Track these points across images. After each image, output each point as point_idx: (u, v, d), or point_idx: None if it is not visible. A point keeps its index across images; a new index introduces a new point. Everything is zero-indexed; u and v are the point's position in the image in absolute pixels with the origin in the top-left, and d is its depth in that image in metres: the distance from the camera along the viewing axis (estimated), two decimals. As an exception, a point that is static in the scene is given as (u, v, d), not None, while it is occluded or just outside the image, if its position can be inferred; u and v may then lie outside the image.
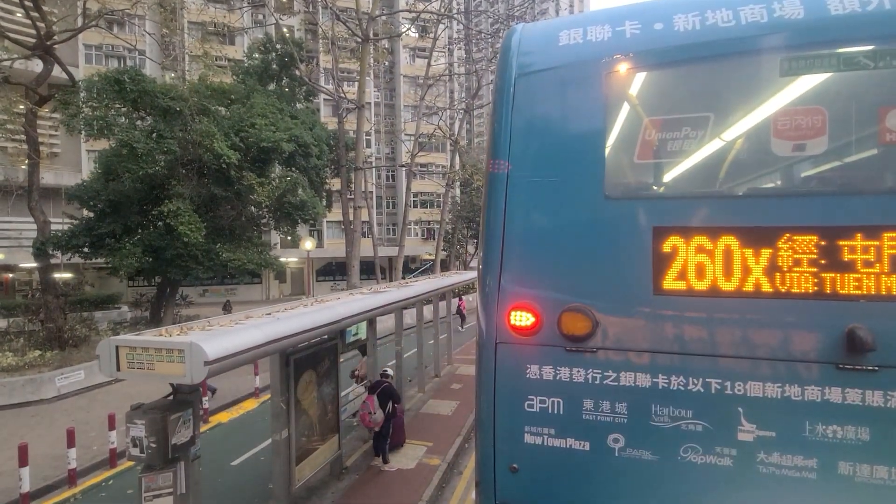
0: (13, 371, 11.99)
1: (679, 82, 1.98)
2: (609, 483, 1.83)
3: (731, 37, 1.80)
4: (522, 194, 2.02)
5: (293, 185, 17.56)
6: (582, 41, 2.01)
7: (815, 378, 1.67)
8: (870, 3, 1.65)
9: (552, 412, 1.93)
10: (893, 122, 1.66)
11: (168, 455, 4.03)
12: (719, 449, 1.72)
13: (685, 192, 1.97)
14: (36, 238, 15.17)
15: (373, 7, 19.66)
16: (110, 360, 3.87)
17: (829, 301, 1.66)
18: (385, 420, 7.07)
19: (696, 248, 1.79)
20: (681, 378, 1.78)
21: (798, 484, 1.63)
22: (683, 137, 1.89)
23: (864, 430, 1.61)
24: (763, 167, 1.90)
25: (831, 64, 1.73)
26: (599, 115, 1.93)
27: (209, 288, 31.54)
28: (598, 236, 1.93)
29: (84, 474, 7.51)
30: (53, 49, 14.88)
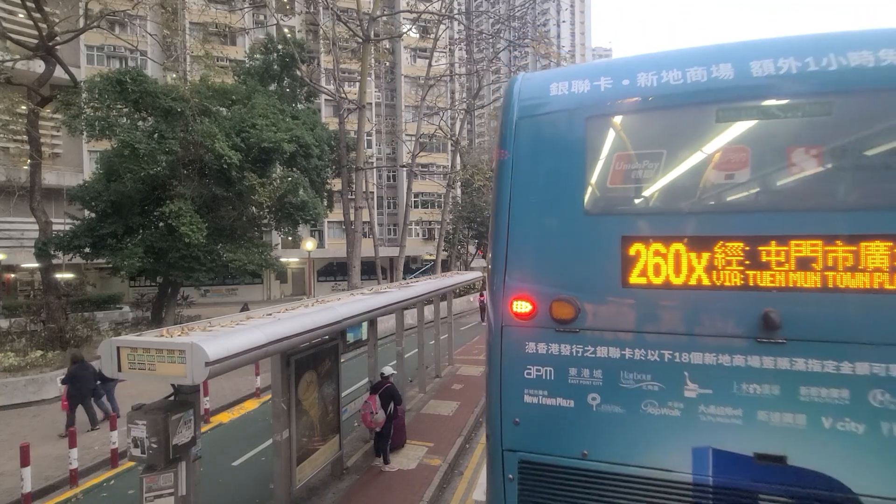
0: (15, 371, 12.01)
1: (641, 126, 2.54)
2: (588, 431, 2.41)
3: (680, 91, 2.36)
4: (522, 211, 2.59)
5: (294, 185, 17.56)
6: (567, 92, 2.57)
7: (740, 349, 2.21)
8: (781, 69, 2.22)
9: (545, 378, 2.49)
10: (796, 157, 2.24)
11: (169, 455, 4.03)
12: (671, 403, 2.29)
13: (645, 210, 2.53)
14: (38, 238, 15.21)
15: (374, 7, 19.68)
16: (112, 360, 3.88)
17: (751, 292, 2.19)
18: (386, 421, 7.06)
19: (654, 252, 2.33)
20: (642, 350, 2.34)
21: (728, 428, 2.20)
22: (644, 168, 2.46)
23: (775, 387, 2.16)
24: (703, 191, 2.44)
25: (753, 113, 2.31)
26: (581, 151, 2.49)
27: (210, 288, 31.58)
28: (580, 243, 2.49)
29: (85, 474, 7.51)
30: (55, 50, 14.92)
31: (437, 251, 27.19)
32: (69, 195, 17.50)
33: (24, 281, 27.14)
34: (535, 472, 2.50)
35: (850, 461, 2.04)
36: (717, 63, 2.34)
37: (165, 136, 15.43)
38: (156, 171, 15.86)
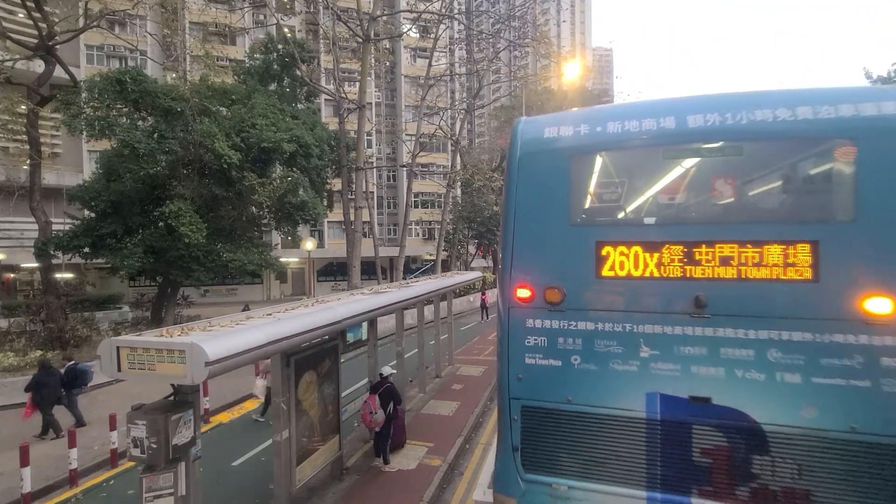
0: (14, 371, 12.01)
1: (608, 161, 3.37)
2: (571, 383, 3.24)
3: (637, 137, 3.19)
4: (523, 223, 3.40)
5: (294, 185, 17.55)
6: (556, 136, 3.38)
7: (679, 322, 3.00)
8: (707, 122, 3.02)
9: (540, 345, 3.32)
10: (718, 185, 3.11)
11: (169, 455, 4.03)
12: (630, 361, 3.10)
13: (613, 222, 3.37)
14: (37, 238, 15.19)
15: (374, 7, 19.67)
16: (111, 360, 3.88)
17: (687, 281, 2.99)
18: (386, 421, 7.06)
19: (619, 252, 3.13)
20: (610, 324, 3.16)
21: (671, 379, 3.01)
22: (611, 192, 3.37)
23: (703, 349, 2.95)
24: (653, 209, 3.30)
25: (688, 153, 3.15)
26: (566, 180, 3.33)
27: (210, 288, 31.57)
28: (566, 246, 3.31)
29: (85, 474, 7.50)
30: (55, 49, 14.90)
31: (437, 251, 27.19)
32: (69, 195, 17.47)
33: (24, 281, 27.14)
34: (533, 414, 3.34)
35: (754, 400, 2.85)
36: (664, 116, 3.17)
37: (165, 135, 15.42)
38: (155, 170, 15.84)
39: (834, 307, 2.72)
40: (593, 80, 53.71)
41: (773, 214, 3.07)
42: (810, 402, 2.74)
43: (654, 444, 3.02)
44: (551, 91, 30.20)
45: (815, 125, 2.82)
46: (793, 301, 2.80)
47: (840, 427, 2.67)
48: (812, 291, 2.77)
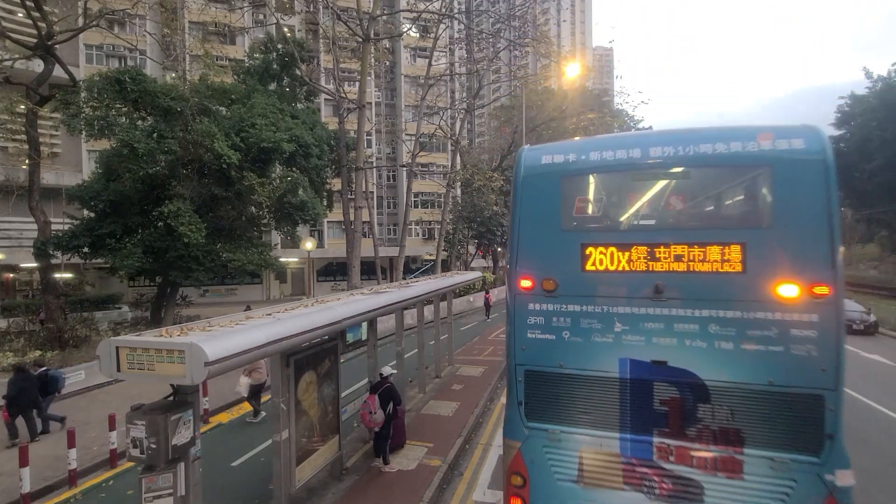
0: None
1: (590, 182, 4.22)
2: (562, 352, 4.02)
3: (611, 163, 3.99)
4: (526, 230, 4.20)
5: (294, 185, 17.53)
6: (551, 162, 4.16)
7: (643, 304, 3.78)
8: (665, 152, 3.83)
9: (538, 323, 4.11)
10: (673, 201, 3.98)
11: (168, 456, 4.02)
12: (607, 335, 3.87)
13: (593, 229, 4.17)
14: (37, 238, 15.17)
15: (373, 7, 19.66)
16: (110, 360, 3.86)
17: (649, 273, 3.77)
18: (385, 421, 7.05)
19: (598, 252, 3.93)
20: (591, 306, 3.94)
21: (637, 348, 3.79)
22: (592, 205, 4.27)
23: (661, 324, 3.75)
24: (625, 218, 4.13)
25: (650, 177, 4.00)
26: (557, 196, 4.11)
27: (210, 288, 31.53)
28: (558, 247, 4.09)
29: (84, 475, 7.50)
30: (54, 49, 14.88)
31: (437, 251, 27.17)
32: (68, 195, 17.44)
33: (23, 281, 27.11)
34: (533, 376, 4.16)
35: (699, 363, 3.65)
36: (632, 148, 3.99)
37: (164, 135, 15.39)
38: (155, 170, 15.82)
39: (756, 292, 3.55)
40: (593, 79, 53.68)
41: (713, 222, 4.00)
42: (740, 363, 3.58)
43: (625, 397, 3.88)
44: (551, 91, 30.18)
45: (743, 156, 3.67)
46: (727, 287, 3.63)
47: (761, 381, 3.53)
48: (741, 280, 3.59)
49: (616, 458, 3.86)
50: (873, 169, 38.62)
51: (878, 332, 19.54)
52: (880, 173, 38.27)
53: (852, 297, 23.86)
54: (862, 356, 15.45)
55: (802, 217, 3.52)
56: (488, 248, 40.48)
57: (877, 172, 38.50)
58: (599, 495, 3.91)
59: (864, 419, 9.65)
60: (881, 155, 37.60)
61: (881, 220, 42.83)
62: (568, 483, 4.00)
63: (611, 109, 43.46)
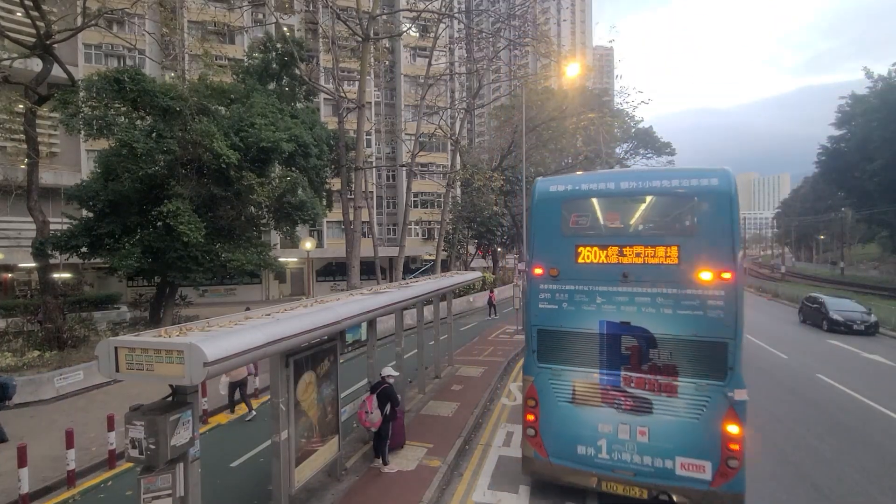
0: (12, 371, 11.94)
1: (581, 205, 5.95)
2: (561, 316, 5.92)
3: (594, 191, 5.95)
4: (538, 235, 6.09)
5: (293, 185, 17.50)
6: (556, 190, 6.07)
7: (615, 285, 5.69)
8: (630, 185, 5.81)
9: (546, 297, 6.00)
10: (635, 218, 5.78)
11: (167, 456, 3.99)
12: (591, 305, 5.77)
13: (584, 235, 5.92)
14: (35, 238, 15.12)
15: (373, 6, 19.64)
16: (109, 360, 3.84)
17: (619, 265, 5.66)
18: (383, 422, 7.04)
19: (586, 250, 5.84)
20: (582, 286, 5.82)
21: (612, 313, 5.70)
22: (582, 219, 5.98)
23: (626, 298, 5.66)
24: (603, 228, 5.88)
25: (619, 202, 5.83)
26: (559, 213, 5.97)
27: (209, 288, 31.46)
28: (560, 247, 5.96)
29: (83, 475, 7.47)
30: (53, 48, 14.84)
31: (437, 251, 27.13)
32: (67, 194, 17.38)
33: (22, 281, 27.04)
34: (542, 333, 6.05)
35: (650, 322, 5.47)
36: (607, 182, 5.95)
37: (164, 135, 15.35)
38: (154, 170, 15.77)
39: (686, 277, 5.39)
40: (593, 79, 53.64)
41: (661, 231, 5.67)
42: (676, 322, 5.43)
43: (602, 345, 5.77)
44: (551, 90, 30.13)
45: (679, 189, 5.58)
46: (668, 274, 5.48)
47: (689, 334, 5.40)
48: (676, 269, 5.44)
49: (596, 385, 5.83)
50: (874, 169, 38.58)
51: (878, 332, 19.55)
52: (881, 173, 38.23)
53: (853, 298, 23.88)
54: (862, 356, 15.46)
55: (715, 229, 5.34)
56: (488, 248, 40.47)
57: (877, 172, 38.47)
58: (585, 410, 5.89)
59: (864, 420, 9.65)
60: (882, 155, 37.58)
61: (882, 220, 42.80)
62: (564, 403, 6.00)
63: (611, 109, 43.47)
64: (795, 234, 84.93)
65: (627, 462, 5.67)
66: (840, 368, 13.72)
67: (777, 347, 16.53)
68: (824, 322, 20.19)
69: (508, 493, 6.63)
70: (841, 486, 6.89)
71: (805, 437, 8.66)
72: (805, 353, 15.71)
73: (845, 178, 46.12)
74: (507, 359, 14.30)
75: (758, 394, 11.31)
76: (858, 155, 41.06)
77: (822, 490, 6.77)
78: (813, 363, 14.31)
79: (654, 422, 5.56)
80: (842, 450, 8.13)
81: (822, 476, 7.19)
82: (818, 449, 8.16)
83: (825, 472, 7.30)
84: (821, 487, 6.85)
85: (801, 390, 11.57)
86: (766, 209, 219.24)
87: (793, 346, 16.98)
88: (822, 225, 72.17)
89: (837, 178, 48.43)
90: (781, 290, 35.72)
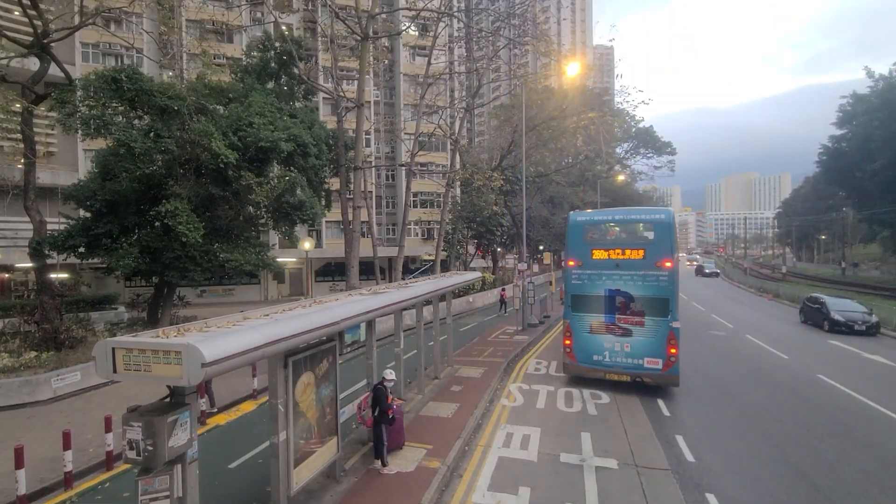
0: (9, 372, 11.88)
1: (594, 228, 11.89)
2: (584, 286, 11.51)
3: (600, 220, 12.15)
4: (570, 245, 11.96)
5: (292, 184, 17.43)
6: (581, 220, 11.92)
7: (612, 270, 11.23)
8: (618, 217, 12.66)
9: (575, 277, 11.67)
10: (623, 239, 11.74)
11: (165, 458, 3.96)
12: (599, 280, 11.35)
13: (595, 243, 11.60)
14: (32, 238, 15.04)
15: (372, 5, 19.59)
16: (107, 361, 3.81)
17: (614, 259, 11.26)
18: (375, 424, 7.05)
19: (597, 251, 11.51)
20: (596, 271, 11.38)
21: (609, 284, 11.25)
22: (594, 235, 11.74)
23: (618, 276, 11.20)
24: (605, 240, 11.72)
25: (616, 227, 12.00)
26: (582, 231, 11.78)
27: (207, 288, 31.41)
28: (582, 250, 11.68)
29: (80, 476, 7.43)
30: (50, 47, 14.76)
31: (437, 251, 27.09)
32: (64, 194, 17.30)
33: (19, 281, 26.93)
34: (574, 296, 11.55)
35: (631, 289, 10.97)
36: (608, 215, 12.91)
37: (161, 134, 15.27)
38: (152, 170, 15.69)
39: (648, 265, 10.74)
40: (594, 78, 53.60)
41: (635, 241, 11.23)
42: (644, 288, 10.75)
43: (605, 301, 11.07)
44: (551, 90, 30.07)
45: (645, 220, 11.66)
46: (639, 264, 10.82)
47: (650, 294, 10.69)
48: (644, 261, 10.78)
49: (602, 322, 11.05)
50: (875, 168, 38.55)
51: (879, 332, 19.54)
52: (882, 173, 38.20)
53: (854, 298, 23.88)
54: (863, 357, 15.45)
55: (662, 241, 10.70)
56: (488, 249, 40.43)
57: (879, 172, 38.44)
58: (596, 336, 11.10)
59: (865, 420, 9.63)
60: (883, 154, 37.55)
61: (883, 220, 42.76)
62: (585, 333, 11.22)
63: (611, 108, 43.45)
64: (796, 234, 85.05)
65: (620, 362, 10.95)
66: (841, 369, 13.71)
67: (778, 348, 16.53)
68: (825, 322, 20.19)
69: (508, 494, 6.59)
70: (841, 487, 6.87)
71: (806, 438, 8.64)
72: (806, 354, 15.70)
73: (846, 177, 46.14)
74: (507, 360, 14.26)
75: (758, 394, 11.31)
76: (860, 154, 41.05)
77: (823, 490, 6.75)
78: (814, 364, 14.30)
79: (633, 341, 10.84)
80: (842, 450, 8.12)
81: (823, 476, 7.17)
82: (819, 449, 8.14)
83: (826, 473, 7.28)
84: (821, 488, 6.82)
85: (801, 391, 11.56)
86: (767, 209, 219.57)
87: (794, 346, 16.98)
88: (824, 225, 72.25)
89: (838, 177, 48.46)
90: (782, 290, 35.76)
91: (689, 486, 6.90)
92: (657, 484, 6.92)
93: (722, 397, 11.11)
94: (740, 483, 6.98)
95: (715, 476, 7.21)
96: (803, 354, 15.58)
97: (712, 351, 16.17)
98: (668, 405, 10.42)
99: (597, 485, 6.87)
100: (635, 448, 8.15)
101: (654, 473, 7.25)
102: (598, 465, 7.47)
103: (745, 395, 11.26)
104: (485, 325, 21.55)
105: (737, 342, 17.73)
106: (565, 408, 10.23)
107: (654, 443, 8.41)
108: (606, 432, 8.86)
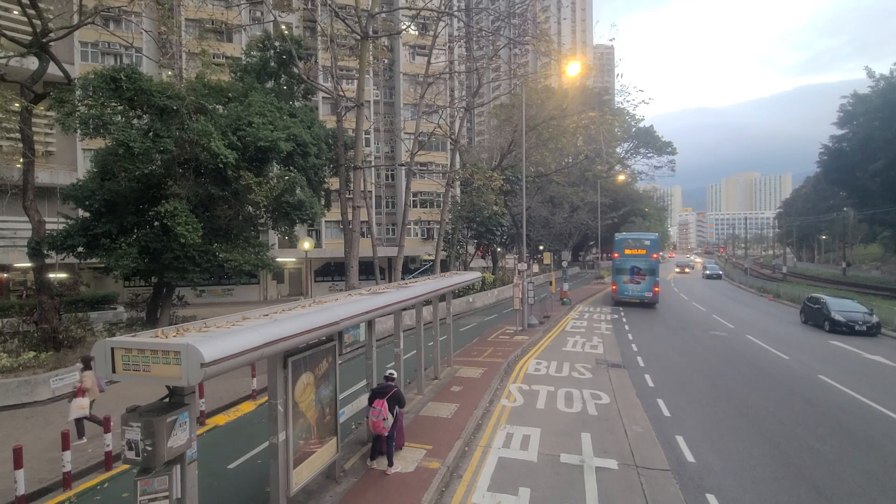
0: (7, 372, 11.86)
1: (624, 241, 30.03)
2: (621, 263, 29.32)
3: (623, 240, 30.19)
4: (617, 247, 30.08)
5: (291, 184, 17.40)
6: (621, 237, 30.92)
7: (630, 264, 29.27)
8: (633, 236, 31.35)
9: (618, 262, 29.50)
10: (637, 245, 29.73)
11: (164, 458, 3.94)
12: (627, 264, 29.14)
13: (626, 246, 29.53)
14: (31, 238, 15.02)
15: (372, 4, 19.56)
16: (106, 361, 3.78)
17: (631, 257, 29.07)
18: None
19: (625, 252, 29.39)
20: (623, 264, 29.16)
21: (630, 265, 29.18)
22: (625, 245, 29.60)
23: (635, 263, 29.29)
24: (631, 245, 29.72)
25: (633, 242, 30.05)
26: (621, 242, 29.91)
27: (206, 288, 31.31)
28: (620, 249, 29.63)
29: (79, 477, 7.40)
30: (49, 46, 14.74)
31: (437, 251, 27.05)
32: (63, 194, 17.27)
33: (17, 281, 26.90)
34: (617, 269, 29.43)
35: (641, 267, 28.64)
36: (628, 237, 30.46)
37: (160, 134, 15.24)
38: (151, 170, 15.67)
39: (647, 257, 28.29)
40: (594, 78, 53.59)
41: (641, 245, 28.75)
42: (647, 267, 28.37)
43: (629, 271, 28.59)
44: (552, 89, 30.06)
45: (646, 241, 29.01)
46: (643, 258, 28.33)
47: (647, 268, 28.48)
48: (645, 256, 28.33)
49: (628, 277, 28.51)
50: (876, 168, 38.55)
51: (880, 333, 19.53)
52: (883, 173, 38.20)
53: (855, 298, 23.88)
54: (864, 357, 15.44)
55: (652, 246, 28.54)
56: (488, 249, 40.40)
57: (879, 172, 38.44)
58: (626, 284, 28.57)
59: (865, 421, 9.62)
60: (884, 154, 37.55)
61: (884, 220, 42.76)
62: (621, 283, 28.74)
63: (611, 108, 43.42)
64: (797, 235, 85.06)
65: (635, 294, 28.15)
66: (842, 369, 13.70)
67: (778, 348, 16.52)
68: (826, 323, 20.20)
69: (508, 494, 6.57)
70: (842, 488, 6.85)
71: (806, 439, 8.62)
72: (807, 354, 15.69)
73: (847, 177, 46.15)
74: (507, 360, 14.23)
75: (759, 394, 11.30)
76: (860, 154, 41.07)
77: (824, 491, 6.73)
78: (814, 364, 14.29)
79: (640, 286, 27.99)
80: (843, 451, 8.10)
81: (824, 477, 7.15)
82: (820, 450, 8.13)
83: (826, 474, 7.27)
84: (822, 489, 6.81)
85: (802, 391, 11.55)
86: (768, 209, 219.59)
87: (794, 346, 16.98)
88: (824, 225, 72.25)
89: (839, 177, 48.47)
90: (783, 290, 35.78)
91: (689, 486, 6.89)
92: (657, 484, 6.90)
93: (722, 398, 11.09)
94: (741, 484, 6.96)
95: (715, 476, 7.19)
96: (804, 355, 15.57)
97: (713, 351, 16.16)
98: (669, 405, 10.40)
99: (597, 485, 6.85)
100: (635, 448, 8.13)
101: (654, 474, 7.24)
102: (599, 466, 7.46)
103: (745, 395, 11.24)
104: (485, 326, 21.53)
105: (737, 342, 17.72)
106: (565, 408, 10.21)
107: (655, 443, 8.39)
108: (606, 432, 8.84)
